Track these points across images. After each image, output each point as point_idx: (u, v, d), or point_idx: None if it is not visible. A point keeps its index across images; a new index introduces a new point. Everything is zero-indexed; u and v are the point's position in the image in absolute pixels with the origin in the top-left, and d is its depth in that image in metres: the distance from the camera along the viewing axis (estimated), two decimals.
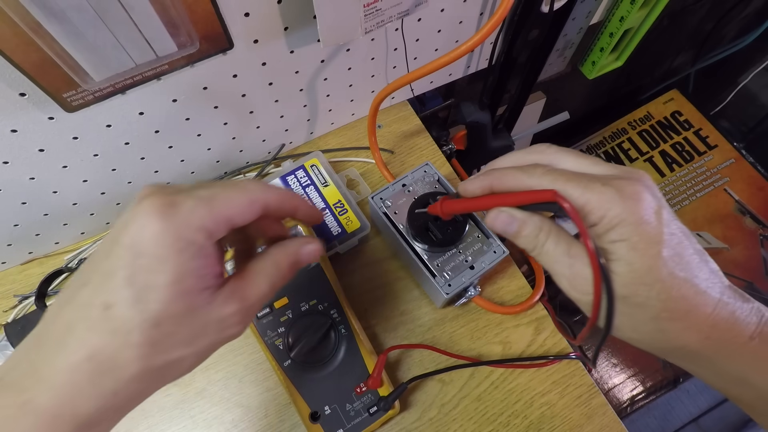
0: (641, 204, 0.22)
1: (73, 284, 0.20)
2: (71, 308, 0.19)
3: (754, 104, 1.04)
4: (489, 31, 0.37)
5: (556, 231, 0.25)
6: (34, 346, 0.20)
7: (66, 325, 0.19)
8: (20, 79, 0.31)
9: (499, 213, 0.26)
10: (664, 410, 0.97)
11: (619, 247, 0.22)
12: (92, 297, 0.19)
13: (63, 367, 0.18)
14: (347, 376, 0.40)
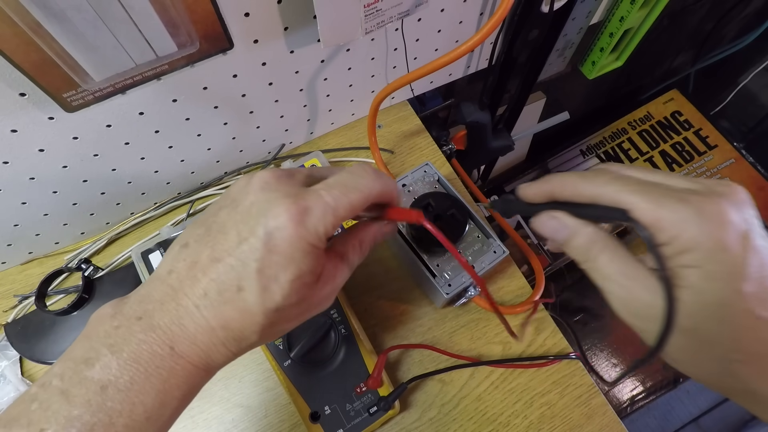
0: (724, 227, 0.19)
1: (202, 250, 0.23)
2: (206, 279, 0.22)
3: (754, 104, 1.04)
4: (489, 31, 0.37)
5: (612, 246, 0.23)
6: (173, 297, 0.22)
7: (202, 292, 0.22)
8: (20, 79, 0.31)
9: (549, 218, 0.25)
10: (664, 410, 0.97)
11: (690, 273, 0.20)
12: (227, 275, 0.22)
13: (203, 327, 0.22)
14: (347, 376, 0.40)
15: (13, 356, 0.44)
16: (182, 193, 0.52)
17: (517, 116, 0.69)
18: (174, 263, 0.23)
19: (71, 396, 0.19)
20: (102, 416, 0.19)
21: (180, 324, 0.22)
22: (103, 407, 0.19)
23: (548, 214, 0.25)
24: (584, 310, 0.88)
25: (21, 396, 0.20)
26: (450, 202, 0.44)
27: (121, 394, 0.20)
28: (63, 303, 0.45)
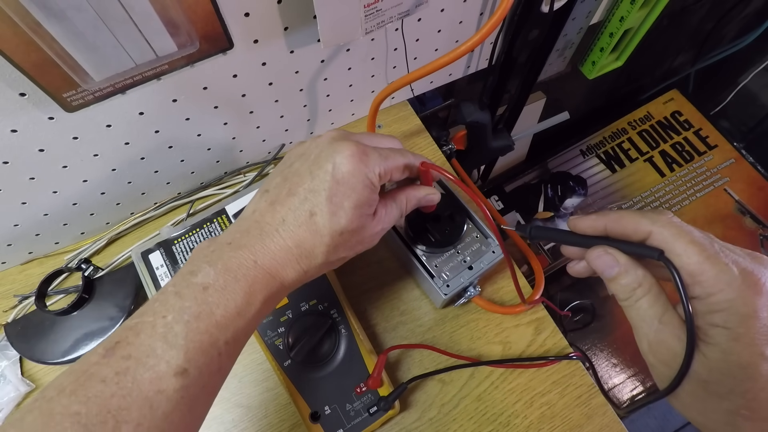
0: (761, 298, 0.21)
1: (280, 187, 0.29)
2: (284, 209, 0.28)
3: (754, 104, 1.04)
4: (489, 31, 0.37)
5: (656, 291, 0.25)
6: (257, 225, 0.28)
7: (282, 219, 0.27)
8: (20, 79, 0.31)
9: (604, 253, 0.26)
10: (664, 410, 0.97)
11: (719, 333, 0.21)
12: (302, 205, 0.27)
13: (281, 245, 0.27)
14: (347, 376, 0.40)
15: (13, 356, 0.44)
16: (182, 193, 0.52)
17: (517, 116, 0.69)
18: (257, 204, 0.29)
19: (183, 295, 0.24)
20: (205, 308, 0.24)
21: (262, 244, 0.27)
22: (206, 301, 0.24)
23: (604, 249, 0.26)
24: (584, 310, 0.88)
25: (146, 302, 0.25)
26: (449, 202, 0.44)
27: (218, 293, 0.25)
28: (63, 303, 0.45)
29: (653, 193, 0.96)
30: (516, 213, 0.96)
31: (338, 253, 0.29)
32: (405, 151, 0.32)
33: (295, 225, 0.27)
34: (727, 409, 0.22)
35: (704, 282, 0.22)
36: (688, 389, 0.23)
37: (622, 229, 0.26)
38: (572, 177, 0.99)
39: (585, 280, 0.90)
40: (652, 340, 0.24)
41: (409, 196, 0.33)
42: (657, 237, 0.24)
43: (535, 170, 1.01)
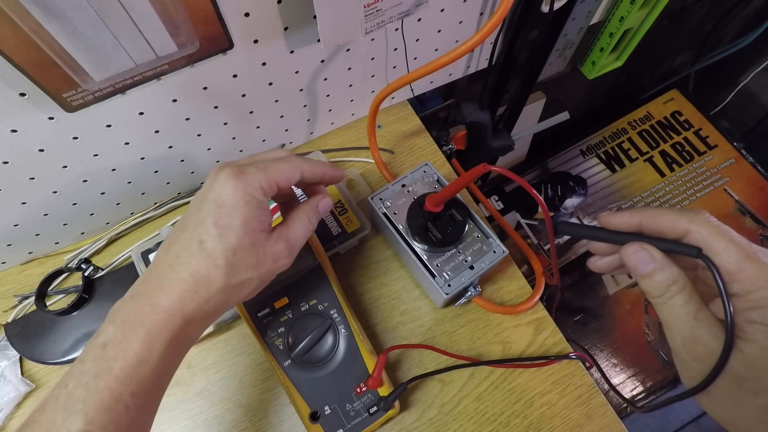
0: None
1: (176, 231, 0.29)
2: (177, 245, 0.28)
3: (754, 104, 1.04)
4: (489, 31, 0.37)
5: (689, 289, 0.25)
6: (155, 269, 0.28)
7: (175, 255, 0.28)
8: (20, 79, 0.31)
9: (640, 248, 0.26)
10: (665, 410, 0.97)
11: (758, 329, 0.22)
12: (191, 236, 0.27)
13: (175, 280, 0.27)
14: (347, 376, 0.40)
15: (13, 356, 0.44)
16: (182, 193, 0.52)
17: (517, 116, 0.69)
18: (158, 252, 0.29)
19: (84, 359, 0.25)
20: (103, 365, 0.24)
21: (159, 284, 0.27)
22: (104, 358, 0.25)
23: (640, 245, 0.26)
24: (584, 310, 0.88)
25: None
26: (450, 202, 0.44)
27: (116, 347, 0.25)
28: (63, 303, 0.45)
29: (653, 193, 0.96)
30: (516, 213, 0.96)
31: (239, 275, 0.28)
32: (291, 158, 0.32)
33: (188, 257, 0.27)
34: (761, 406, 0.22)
35: (743, 279, 0.22)
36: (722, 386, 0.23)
37: (658, 226, 0.26)
38: (572, 177, 0.99)
39: (585, 280, 0.90)
40: (686, 337, 0.24)
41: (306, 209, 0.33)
42: (695, 235, 0.24)
43: (535, 170, 1.01)
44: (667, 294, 0.25)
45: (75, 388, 0.24)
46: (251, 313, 0.41)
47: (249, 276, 0.29)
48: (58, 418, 0.23)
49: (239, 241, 0.27)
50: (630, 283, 0.89)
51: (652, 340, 0.84)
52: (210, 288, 0.27)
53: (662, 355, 0.83)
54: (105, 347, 0.25)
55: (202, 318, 0.28)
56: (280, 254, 0.30)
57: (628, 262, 0.26)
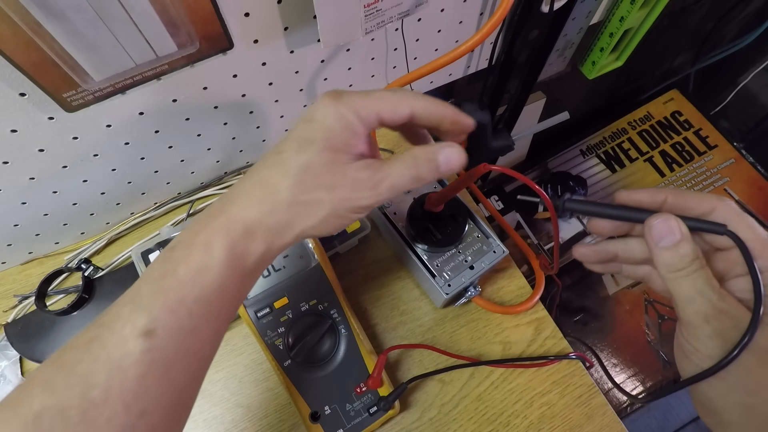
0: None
1: None
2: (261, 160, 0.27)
3: (754, 104, 1.04)
4: (489, 31, 0.37)
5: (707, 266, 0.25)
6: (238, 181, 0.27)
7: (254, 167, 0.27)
8: (20, 79, 0.31)
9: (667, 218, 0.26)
10: (664, 410, 0.97)
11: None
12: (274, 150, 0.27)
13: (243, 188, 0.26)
14: (347, 376, 0.40)
15: (13, 356, 0.44)
16: (182, 193, 0.52)
17: (517, 116, 0.69)
18: None
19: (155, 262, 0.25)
20: (169, 266, 0.24)
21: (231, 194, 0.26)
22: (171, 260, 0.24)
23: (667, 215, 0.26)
24: (584, 310, 0.88)
25: None
26: (450, 202, 0.44)
27: (181, 250, 0.25)
28: (63, 303, 0.45)
29: None
30: (516, 213, 0.96)
31: (308, 192, 0.25)
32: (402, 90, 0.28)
33: (263, 166, 0.26)
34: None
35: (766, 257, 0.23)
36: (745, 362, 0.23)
37: (684, 204, 0.26)
38: (572, 177, 0.99)
39: (585, 280, 0.90)
40: (710, 312, 0.24)
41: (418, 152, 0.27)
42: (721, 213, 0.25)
43: (535, 170, 1.01)
44: (691, 267, 0.25)
45: (143, 285, 0.24)
46: (251, 313, 0.41)
47: (319, 197, 0.26)
48: (125, 311, 0.23)
49: (317, 155, 0.25)
50: (630, 283, 0.89)
51: (652, 340, 0.84)
52: (275, 198, 0.25)
53: (662, 355, 0.84)
54: (172, 250, 0.25)
55: (265, 234, 0.26)
56: (361, 183, 0.26)
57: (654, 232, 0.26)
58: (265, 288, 0.42)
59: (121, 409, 0.21)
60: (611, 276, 0.90)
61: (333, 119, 0.25)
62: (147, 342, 0.22)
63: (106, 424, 0.21)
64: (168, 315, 0.23)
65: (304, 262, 0.43)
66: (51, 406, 0.20)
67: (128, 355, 0.22)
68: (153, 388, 0.22)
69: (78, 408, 0.20)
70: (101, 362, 0.21)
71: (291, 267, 0.42)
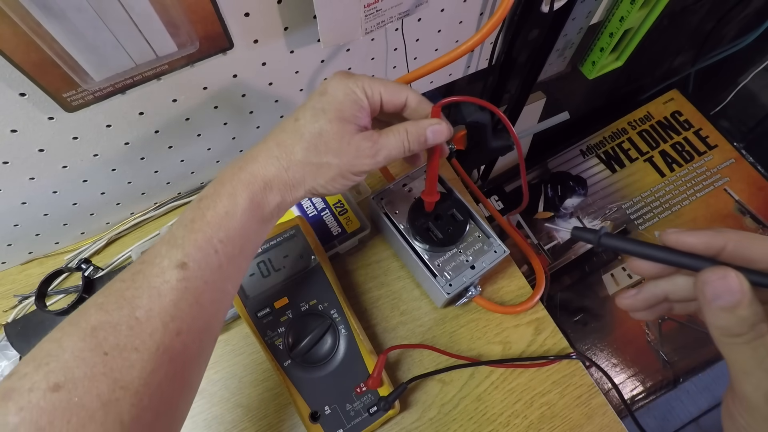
0: None
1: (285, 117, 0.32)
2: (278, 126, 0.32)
3: (754, 104, 1.04)
4: (489, 31, 0.37)
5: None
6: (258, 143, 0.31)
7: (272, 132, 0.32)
8: (20, 79, 0.31)
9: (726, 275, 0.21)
10: (664, 410, 0.97)
11: None
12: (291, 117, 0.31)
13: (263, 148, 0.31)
14: (347, 376, 0.40)
15: (13, 356, 0.44)
16: (182, 193, 0.52)
17: (517, 116, 0.69)
18: None
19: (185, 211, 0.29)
20: (198, 212, 0.28)
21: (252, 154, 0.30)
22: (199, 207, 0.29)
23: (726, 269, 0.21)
24: (584, 310, 0.88)
25: None
26: (451, 201, 0.44)
27: (208, 199, 0.29)
28: (63, 303, 0.45)
29: (653, 193, 0.96)
30: (516, 213, 0.96)
31: (320, 155, 0.30)
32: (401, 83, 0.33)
33: (281, 131, 0.31)
34: None
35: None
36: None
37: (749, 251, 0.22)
38: (572, 177, 0.99)
39: (585, 280, 0.90)
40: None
41: (409, 127, 0.32)
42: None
43: (535, 170, 1.01)
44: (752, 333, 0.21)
45: (177, 229, 0.28)
46: (251, 313, 0.41)
47: (329, 160, 0.30)
48: (163, 250, 0.27)
49: (328, 124, 0.30)
50: (630, 283, 0.89)
51: (652, 340, 0.84)
52: (290, 157, 0.30)
53: (662, 355, 0.84)
54: (201, 200, 0.29)
55: (280, 187, 0.30)
56: (363, 151, 0.31)
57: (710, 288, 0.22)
58: (265, 288, 0.42)
59: (160, 326, 0.25)
60: (611, 275, 0.90)
61: (343, 93, 0.30)
62: (181, 272, 0.26)
63: (149, 338, 0.25)
64: (198, 251, 0.27)
65: (304, 262, 0.43)
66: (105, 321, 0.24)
67: (166, 283, 0.26)
68: (186, 312, 0.26)
69: (126, 324, 0.24)
70: (144, 289, 0.26)
71: (291, 267, 0.42)
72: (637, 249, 0.24)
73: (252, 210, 0.29)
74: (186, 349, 0.26)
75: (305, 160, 0.30)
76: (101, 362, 0.23)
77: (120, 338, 0.24)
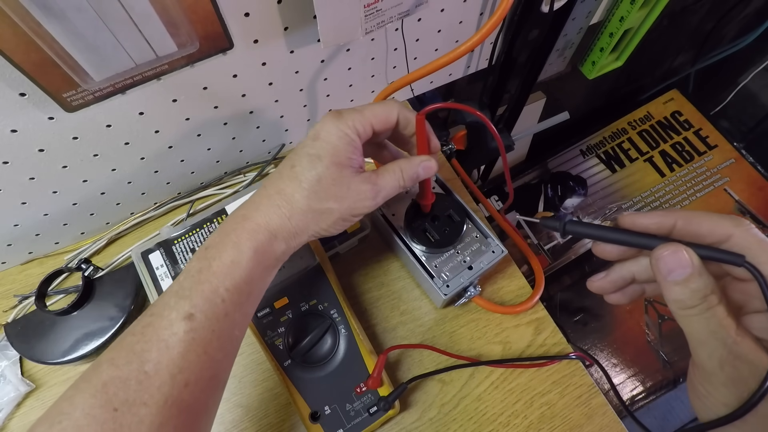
0: None
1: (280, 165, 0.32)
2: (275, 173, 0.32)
3: (754, 104, 1.04)
4: (489, 31, 0.37)
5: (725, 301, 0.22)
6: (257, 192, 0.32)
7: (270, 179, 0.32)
8: (20, 79, 0.31)
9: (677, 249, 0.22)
10: (664, 410, 0.97)
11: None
12: (286, 164, 0.31)
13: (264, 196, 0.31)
14: (347, 376, 0.40)
15: (13, 356, 0.44)
16: (182, 193, 0.52)
17: (517, 116, 0.69)
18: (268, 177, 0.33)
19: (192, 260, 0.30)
20: (205, 263, 0.29)
21: (254, 203, 0.31)
22: (206, 257, 0.29)
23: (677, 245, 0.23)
24: (584, 310, 0.88)
25: None
26: (447, 202, 0.44)
27: (215, 249, 0.29)
28: (63, 303, 0.45)
29: (653, 193, 0.96)
30: (516, 213, 0.96)
31: (321, 201, 0.30)
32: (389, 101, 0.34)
33: (279, 179, 0.31)
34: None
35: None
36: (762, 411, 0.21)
37: (696, 229, 0.24)
38: (572, 177, 0.99)
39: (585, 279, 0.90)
40: (725, 357, 0.22)
41: (403, 165, 0.33)
42: (738, 241, 0.22)
43: (535, 170, 1.01)
44: (704, 305, 0.22)
45: (184, 280, 0.29)
46: None
47: (330, 206, 0.31)
48: (171, 302, 0.28)
49: (326, 170, 0.30)
50: None
51: (652, 340, 0.84)
52: (293, 207, 0.30)
53: (662, 355, 0.84)
54: (207, 249, 0.30)
55: (285, 236, 0.31)
56: (364, 194, 0.31)
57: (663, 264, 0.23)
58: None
59: (168, 378, 0.26)
60: None
61: (336, 137, 0.30)
62: (188, 323, 0.27)
63: (157, 391, 0.25)
64: (204, 302, 0.28)
65: (304, 262, 0.43)
66: (115, 376, 0.25)
67: (173, 335, 0.26)
68: (194, 363, 0.27)
69: (135, 378, 0.25)
70: (153, 342, 0.26)
71: (291, 267, 0.42)
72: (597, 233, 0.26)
73: (257, 259, 0.30)
74: (194, 400, 0.27)
75: (307, 208, 0.30)
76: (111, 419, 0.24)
77: (129, 393, 0.25)
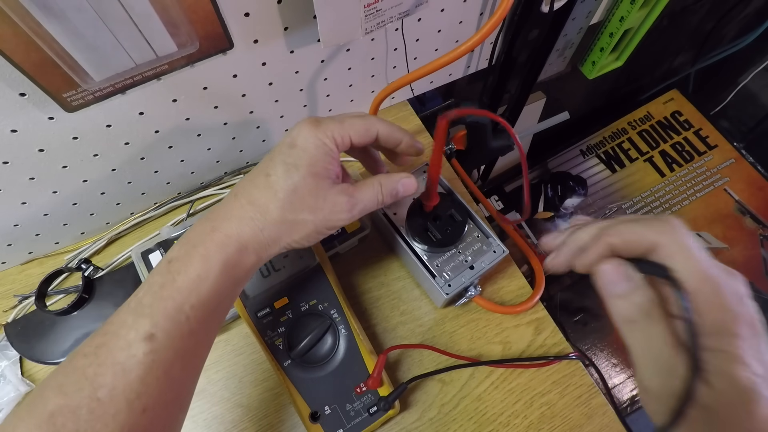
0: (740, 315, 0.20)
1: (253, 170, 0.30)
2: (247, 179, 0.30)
3: (754, 104, 1.04)
4: (489, 31, 0.37)
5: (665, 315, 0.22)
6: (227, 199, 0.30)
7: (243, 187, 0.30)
8: (20, 79, 0.31)
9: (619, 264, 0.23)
10: None
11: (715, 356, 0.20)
12: (260, 171, 0.30)
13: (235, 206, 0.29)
14: (347, 376, 0.40)
15: (13, 356, 0.44)
16: (182, 193, 0.52)
17: (517, 116, 0.69)
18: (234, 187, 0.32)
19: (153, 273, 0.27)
20: (168, 277, 0.26)
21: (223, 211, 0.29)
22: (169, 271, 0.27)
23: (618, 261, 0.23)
24: (584, 310, 0.88)
25: None
26: (449, 202, 0.44)
27: (179, 262, 0.27)
28: (63, 303, 0.45)
29: (653, 193, 0.96)
30: (516, 213, 0.96)
31: (295, 212, 0.29)
32: (369, 116, 0.32)
33: (252, 187, 0.29)
34: None
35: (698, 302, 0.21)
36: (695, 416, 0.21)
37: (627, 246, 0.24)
38: (572, 177, 0.99)
39: (586, 280, 0.90)
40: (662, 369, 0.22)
41: (383, 180, 0.32)
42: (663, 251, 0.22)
43: (535, 170, 1.01)
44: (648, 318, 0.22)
45: (144, 296, 0.26)
46: (251, 313, 0.41)
47: (304, 217, 0.29)
48: (129, 320, 0.25)
49: (302, 180, 0.29)
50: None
51: None
52: (266, 217, 0.28)
53: None
54: (171, 262, 0.27)
55: (256, 248, 0.29)
56: (339, 206, 0.30)
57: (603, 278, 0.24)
58: (265, 288, 0.42)
59: (125, 405, 0.23)
60: None
61: (314, 146, 0.29)
62: (149, 345, 0.24)
63: (112, 420, 0.23)
64: (167, 320, 0.25)
65: (304, 262, 0.43)
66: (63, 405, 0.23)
67: (131, 357, 0.24)
68: (153, 387, 0.24)
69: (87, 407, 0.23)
70: (107, 365, 0.24)
71: (291, 267, 0.42)
72: None
73: (227, 272, 0.28)
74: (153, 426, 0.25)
75: (281, 219, 0.29)
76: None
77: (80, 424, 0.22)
